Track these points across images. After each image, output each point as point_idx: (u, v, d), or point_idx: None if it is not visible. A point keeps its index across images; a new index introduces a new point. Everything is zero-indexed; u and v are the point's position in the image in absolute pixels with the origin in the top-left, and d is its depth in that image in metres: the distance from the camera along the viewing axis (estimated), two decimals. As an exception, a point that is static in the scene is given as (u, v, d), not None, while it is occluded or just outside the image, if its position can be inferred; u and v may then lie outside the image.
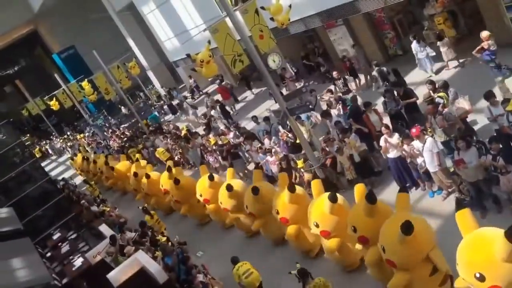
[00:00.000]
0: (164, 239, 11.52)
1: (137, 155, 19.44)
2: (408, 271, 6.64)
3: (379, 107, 12.19)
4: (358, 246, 7.76)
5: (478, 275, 5.46)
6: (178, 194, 13.27)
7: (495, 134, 8.81)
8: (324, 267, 9.23)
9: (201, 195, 12.10)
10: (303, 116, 12.95)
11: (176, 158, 18.66)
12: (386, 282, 7.06)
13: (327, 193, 8.25)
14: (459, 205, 6.33)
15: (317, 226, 8.43)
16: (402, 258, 6.54)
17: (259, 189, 9.86)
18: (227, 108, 21.17)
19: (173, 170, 13.99)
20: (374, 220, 7.16)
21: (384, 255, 6.77)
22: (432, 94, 10.76)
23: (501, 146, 7.96)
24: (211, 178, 11.74)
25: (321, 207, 8.35)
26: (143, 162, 17.64)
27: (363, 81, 17.16)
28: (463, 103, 10.03)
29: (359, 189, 7.99)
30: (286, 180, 10.20)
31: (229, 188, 10.69)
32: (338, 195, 8.30)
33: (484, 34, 11.29)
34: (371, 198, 7.13)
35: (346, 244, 8.36)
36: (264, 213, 10.16)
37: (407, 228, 6.14)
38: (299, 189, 9.35)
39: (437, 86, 10.84)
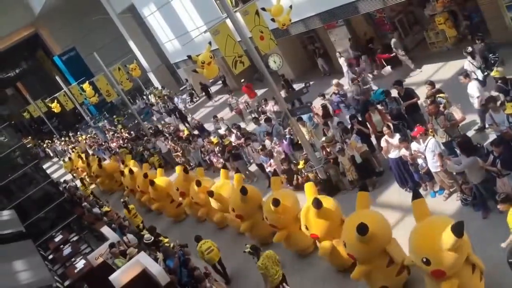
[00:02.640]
0: (166, 241, 11.52)
1: (127, 156, 19.54)
2: (367, 263, 7.32)
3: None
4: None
5: (424, 259, 6.13)
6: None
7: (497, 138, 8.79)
8: (319, 267, 9.32)
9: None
10: (304, 117, 12.95)
11: (177, 160, 18.72)
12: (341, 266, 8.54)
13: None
14: (416, 195, 6.90)
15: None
16: (360, 253, 7.27)
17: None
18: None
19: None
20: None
21: (346, 250, 7.50)
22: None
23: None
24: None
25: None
26: (132, 162, 17.85)
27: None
28: (455, 111, 10.03)
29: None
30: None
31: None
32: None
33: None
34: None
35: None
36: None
37: (362, 229, 6.78)
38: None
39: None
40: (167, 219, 15.20)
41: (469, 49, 12.11)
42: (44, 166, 25.56)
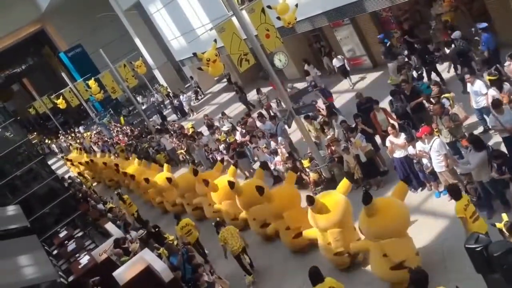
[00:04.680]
0: (171, 237, 11.55)
1: (133, 155, 19.73)
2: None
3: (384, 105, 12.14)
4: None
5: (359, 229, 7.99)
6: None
7: (502, 143, 8.79)
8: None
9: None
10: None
11: (180, 157, 18.77)
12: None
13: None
14: (366, 199, 7.41)
15: None
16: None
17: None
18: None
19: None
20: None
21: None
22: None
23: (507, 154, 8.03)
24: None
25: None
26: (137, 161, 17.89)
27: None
28: (458, 111, 9.96)
29: None
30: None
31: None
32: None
33: None
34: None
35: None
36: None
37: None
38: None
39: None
40: (170, 215, 15.08)
41: (405, 52, 14.94)
42: (49, 162, 25.68)
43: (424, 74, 13.59)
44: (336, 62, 18.21)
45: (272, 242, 10.70)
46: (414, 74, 13.23)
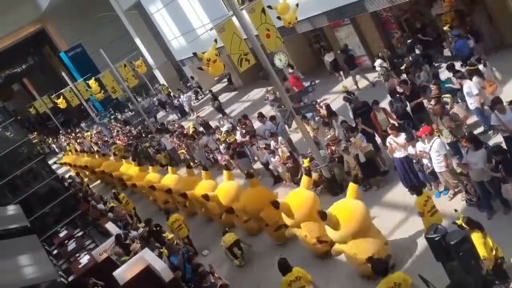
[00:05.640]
0: (171, 236, 11.55)
1: (118, 153, 19.85)
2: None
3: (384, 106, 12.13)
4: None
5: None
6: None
7: (503, 142, 8.78)
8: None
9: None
10: (308, 115, 12.93)
11: (182, 157, 18.78)
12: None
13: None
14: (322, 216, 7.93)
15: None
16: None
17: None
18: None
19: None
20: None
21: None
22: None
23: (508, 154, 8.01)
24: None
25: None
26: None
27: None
28: (458, 110, 9.95)
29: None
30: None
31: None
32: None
33: None
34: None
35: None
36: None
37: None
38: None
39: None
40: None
41: (380, 54, 16.44)
42: (50, 162, 25.69)
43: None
44: (327, 58, 19.26)
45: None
46: (422, 76, 13.00)
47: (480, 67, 11.02)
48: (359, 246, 7.97)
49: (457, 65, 11.96)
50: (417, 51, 15.32)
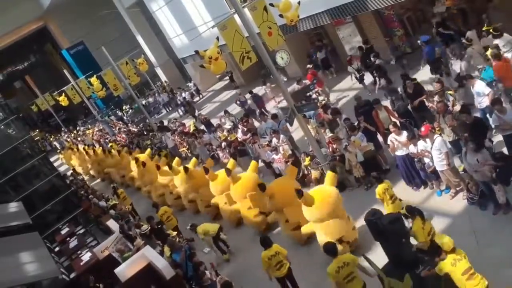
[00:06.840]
0: (173, 234, 11.57)
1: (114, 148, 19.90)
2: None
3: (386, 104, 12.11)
4: None
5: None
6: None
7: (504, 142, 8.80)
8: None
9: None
10: (310, 113, 12.90)
11: (183, 155, 18.79)
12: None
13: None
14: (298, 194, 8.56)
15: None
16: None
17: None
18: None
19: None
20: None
21: None
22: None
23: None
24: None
25: None
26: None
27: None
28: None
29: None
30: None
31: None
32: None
33: None
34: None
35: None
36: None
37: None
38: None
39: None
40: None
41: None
42: (51, 159, 25.72)
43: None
44: (319, 55, 19.63)
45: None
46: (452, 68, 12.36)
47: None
48: (329, 227, 8.68)
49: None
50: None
